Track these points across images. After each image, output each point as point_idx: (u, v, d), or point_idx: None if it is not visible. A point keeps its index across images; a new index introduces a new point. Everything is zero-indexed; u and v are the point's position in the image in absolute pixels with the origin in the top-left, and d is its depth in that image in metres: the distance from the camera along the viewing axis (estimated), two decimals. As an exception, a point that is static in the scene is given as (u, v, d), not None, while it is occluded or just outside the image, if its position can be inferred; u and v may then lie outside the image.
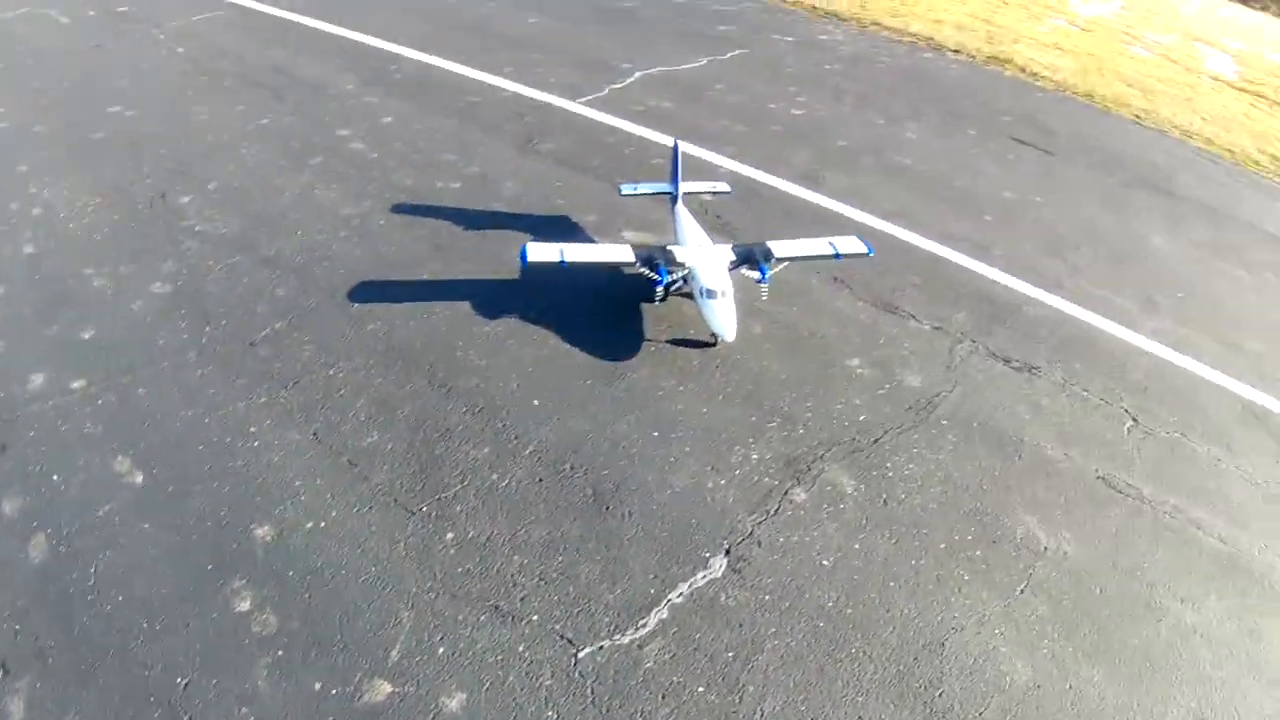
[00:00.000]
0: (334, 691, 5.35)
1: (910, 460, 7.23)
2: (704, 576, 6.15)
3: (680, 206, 8.93)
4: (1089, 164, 12.65)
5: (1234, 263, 10.84)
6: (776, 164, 11.43)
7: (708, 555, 6.31)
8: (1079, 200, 11.59)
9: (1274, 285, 10.56)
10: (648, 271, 7.91)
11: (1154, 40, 19.21)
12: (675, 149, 9.30)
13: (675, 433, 7.23)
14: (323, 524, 6.31)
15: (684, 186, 9.22)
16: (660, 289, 7.96)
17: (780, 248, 8.22)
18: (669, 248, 8.19)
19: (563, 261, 7.69)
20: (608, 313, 8.38)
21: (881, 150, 12.24)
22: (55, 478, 6.54)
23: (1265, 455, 7.89)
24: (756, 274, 8.03)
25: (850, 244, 8.28)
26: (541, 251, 7.78)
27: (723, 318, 7.70)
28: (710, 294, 7.71)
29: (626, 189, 9.45)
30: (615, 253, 8.13)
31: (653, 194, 9.40)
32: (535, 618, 5.82)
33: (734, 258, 8.14)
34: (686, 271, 7.97)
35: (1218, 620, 6.36)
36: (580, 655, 5.62)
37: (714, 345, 8.00)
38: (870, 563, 6.40)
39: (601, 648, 5.68)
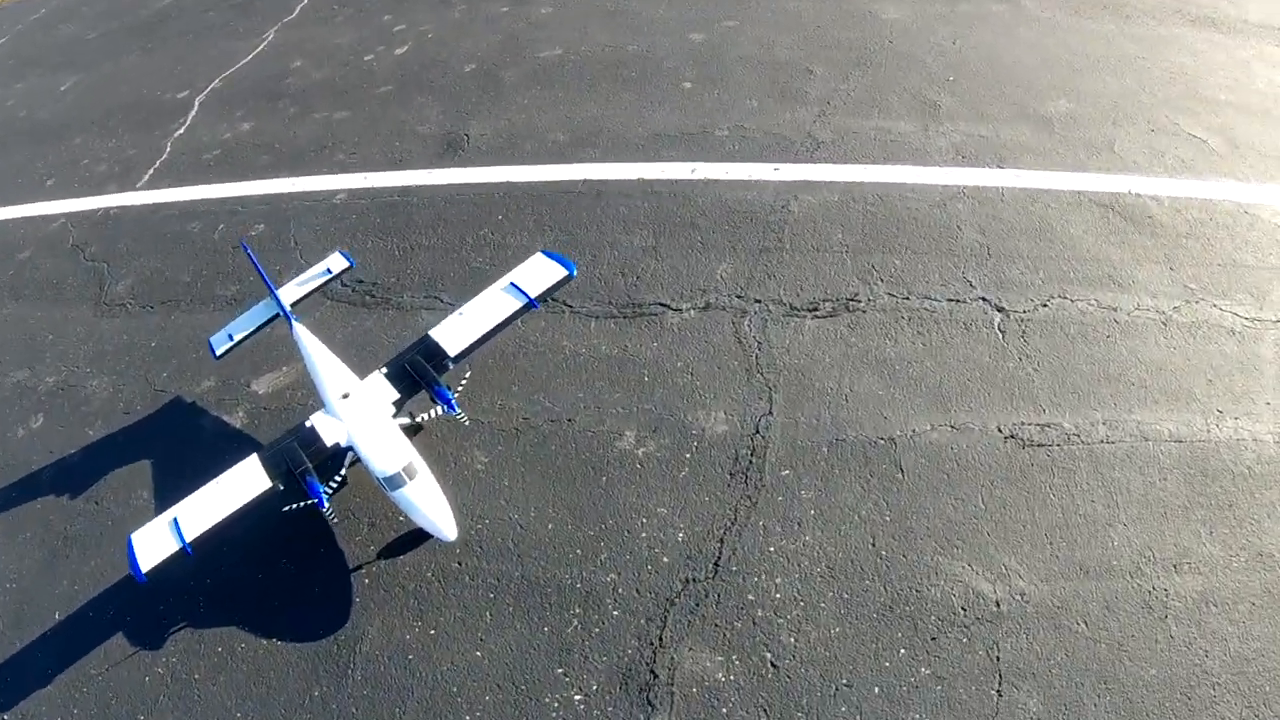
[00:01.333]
0: None
1: (774, 569, 4.85)
2: None
3: (299, 327, 5.72)
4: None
5: (980, -2, 8.53)
6: (402, 147, 8.19)
7: None
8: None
9: (1030, 8, 8.35)
10: (296, 502, 5.03)
11: None
12: (247, 252, 6.29)
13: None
14: None
15: (287, 294, 6.01)
16: (327, 507, 4.98)
17: (449, 335, 5.37)
18: (308, 424, 5.18)
19: (185, 546, 4.77)
20: (289, 549, 5.39)
21: (519, 52, 9.03)
22: None
23: (1154, 264, 6.04)
24: (440, 407, 5.14)
25: (542, 271, 5.49)
26: (153, 544, 4.83)
27: (428, 509, 4.86)
28: (393, 482, 4.88)
29: (220, 345, 5.99)
30: (244, 485, 5.01)
31: (255, 331, 6.03)
32: None
33: (397, 393, 5.23)
34: (345, 454, 5.13)
35: (1222, 574, 4.63)
36: None
37: None
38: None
39: None
